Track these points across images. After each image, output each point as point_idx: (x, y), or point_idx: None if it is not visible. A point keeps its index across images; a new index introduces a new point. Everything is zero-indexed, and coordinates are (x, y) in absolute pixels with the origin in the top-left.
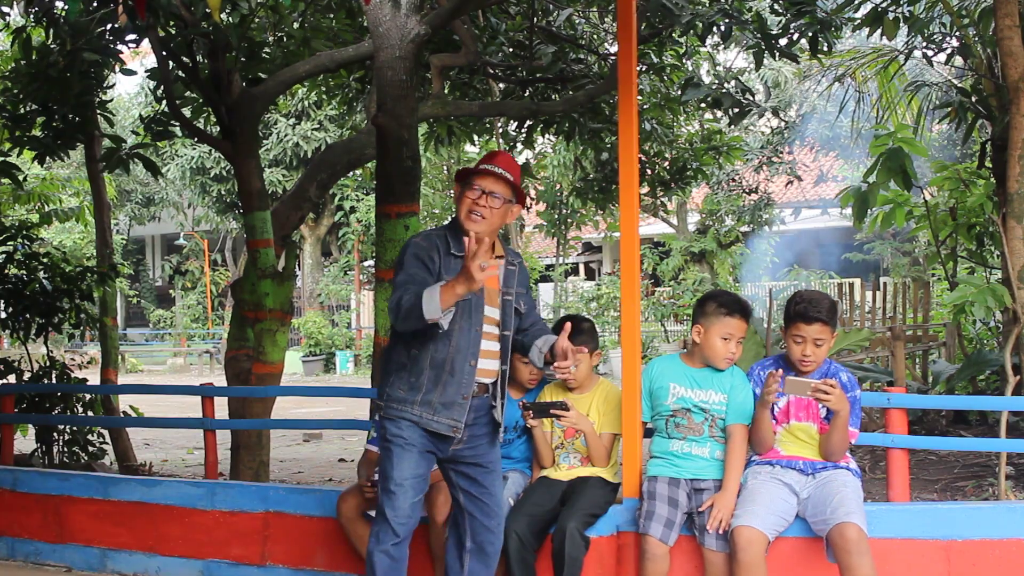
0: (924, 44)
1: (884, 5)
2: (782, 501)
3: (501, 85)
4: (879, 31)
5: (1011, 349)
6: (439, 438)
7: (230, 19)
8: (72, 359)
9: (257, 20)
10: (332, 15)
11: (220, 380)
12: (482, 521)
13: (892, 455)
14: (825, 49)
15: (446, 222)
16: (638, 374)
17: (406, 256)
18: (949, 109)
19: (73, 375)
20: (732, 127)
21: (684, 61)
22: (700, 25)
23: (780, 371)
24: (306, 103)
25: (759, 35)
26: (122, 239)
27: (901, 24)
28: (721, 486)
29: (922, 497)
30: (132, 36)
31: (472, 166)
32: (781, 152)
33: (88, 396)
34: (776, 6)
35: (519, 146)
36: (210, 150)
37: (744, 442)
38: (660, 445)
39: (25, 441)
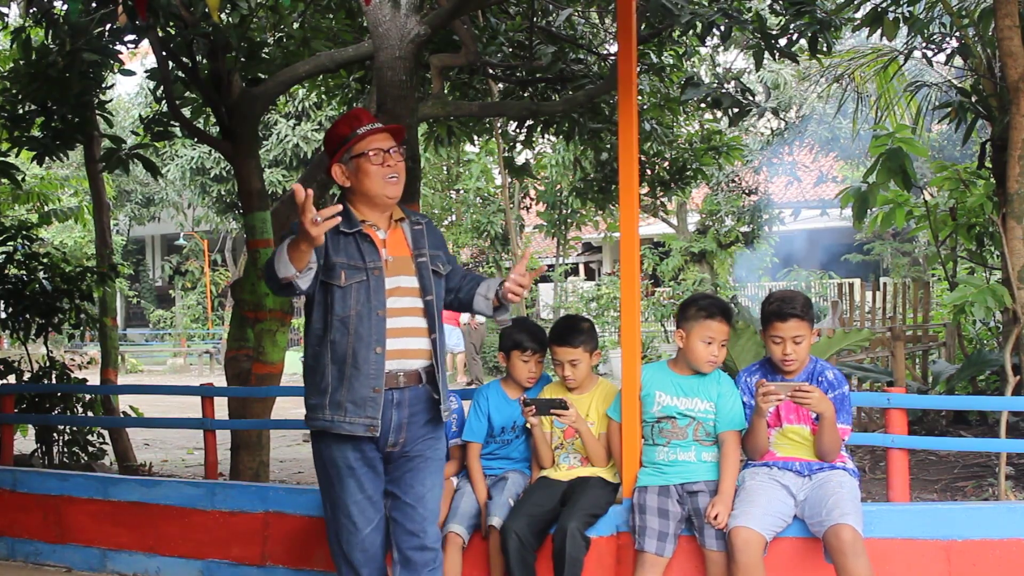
0: (924, 44)
1: (884, 5)
2: (779, 502)
3: (501, 85)
4: (879, 31)
5: (1011, 349)
6: (366, 442)
7: (230, 19)
8: (72, 359)
9: (257, 20)
10: (332, 15)
11: (220, 380)
12: (405, 526)
13: (892, 455)
14: (825, 49)
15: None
16: (638, 374)
17: (285, 232)
18: (949, 109)
19: (73, 375)
20: (732, 127)
21: (684, 61)
22: (700, 25)
23: (764, 380)
24: (306, 103)
25: (759, 35)
26: (122, 239)
27: (901, 24)
28: (713, 488)
29: (922, 497)
30: (131, 36)
31: (343, 137)
32: (780, 154)
33: (88, 396)
34: (776, 6)
35: (519, 146)
36: (210, 150)
37: (737, 448)
38: (647, 454)
39: (25, 441)
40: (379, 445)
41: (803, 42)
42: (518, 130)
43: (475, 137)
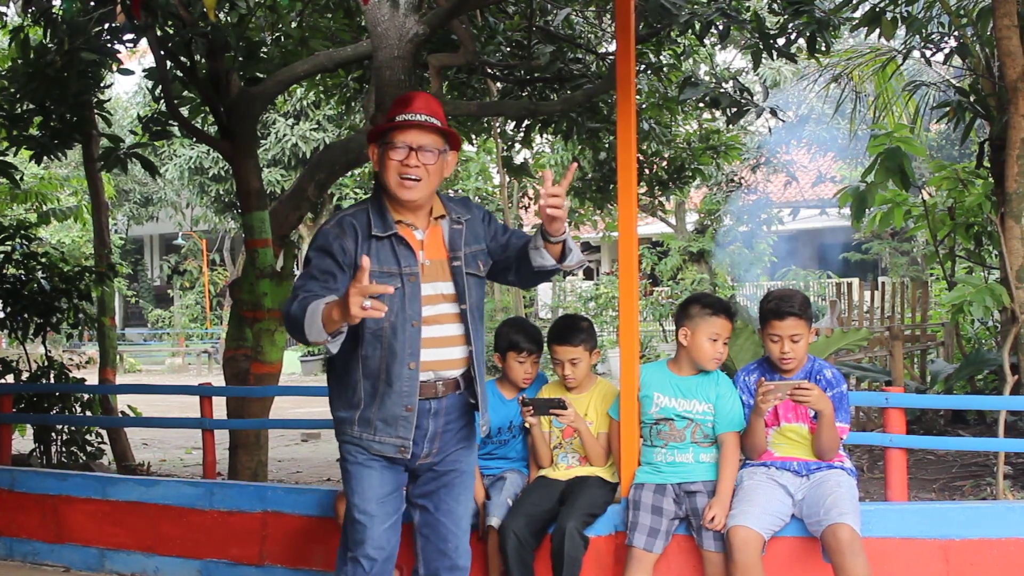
0: (922, 44)
1: (882, 5)
2: (777, 501)
3: (499, 85)
4: (877, 31)
5: (1009, 348)
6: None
7: (228, 19)
8: (70, 359)
9: (255, 20)
10: (330, 15)
11: (218, 380)
12: (436, 545)
13: (890, 454)
14: (823, 49)
15: (367, 198)
16: (636, 374)
17: (312, 248)
18: (947, 109)
19: (71, 375)
20: (730, 127)
21: (682, 61)
22: (698, 25)
23: (763, 379)
24: (304, 103)
25: (757, 35)
26: (120, 239)
27: (899, 24)
28: (711, 488)
29: (920, 497)
30: (130, 36)
31: (385, 119)
32: (778, 154)
33: (86, 396)
34: (774, 6)
35: (517, 145)
36: (208, 150)
37: (736, 449)
38: (645, 454)
39: (23, 441)
40: (413, 454)
41: (801, 42)
42: (516, 129)
43: (473, 136)
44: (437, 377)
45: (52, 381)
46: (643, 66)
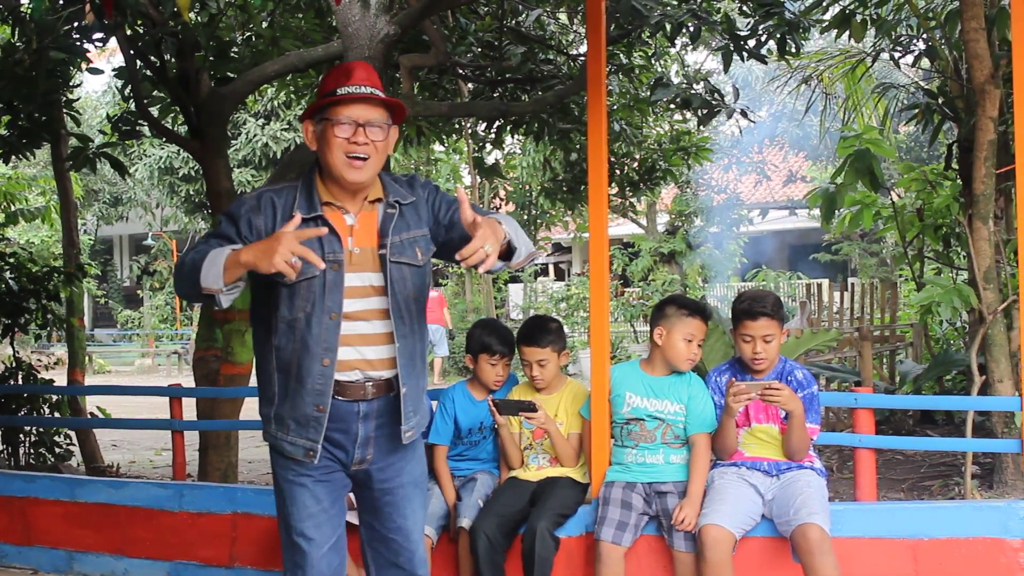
0: (891, 46)
1: (852, 7)
2: (748, 501)
3: (470, 85)
4: (847, 33)
5: (977, 349)
6: (325, 457)
7: (199, 18)
8: (39, 360)
9: (226, 19)
10: (301, 15)
11: (188, 381)
12: (388, 559)
13: (859, 455)
14: (793, 51)
15: (304, 172)
16: (607, 375)
17: (223, 212)
18: (916, 111)
19: (40, 376)
20: (701, 127)
21: (653, 62)
22: (669, 26)
23: (734, 379)
24: (275, 103)
25: (728, 36)
26: (89, 239)
27: (869, 26)
28: (681, 489)
29: (889, 496)
30: (99, 35)
31: (325, 91)
32: (749, 153)
33: (55, 397)
34: (745, 8)
35: (488, 146)
36: (178, 150)
37: (708, 450)
38: (616, 454)
39: None
40: (342, 462)
41: (772, 43)
42: (488, 130)
43: (444, 137)
44: (366, 377)
45: (20, 382)
46: (614, 67)
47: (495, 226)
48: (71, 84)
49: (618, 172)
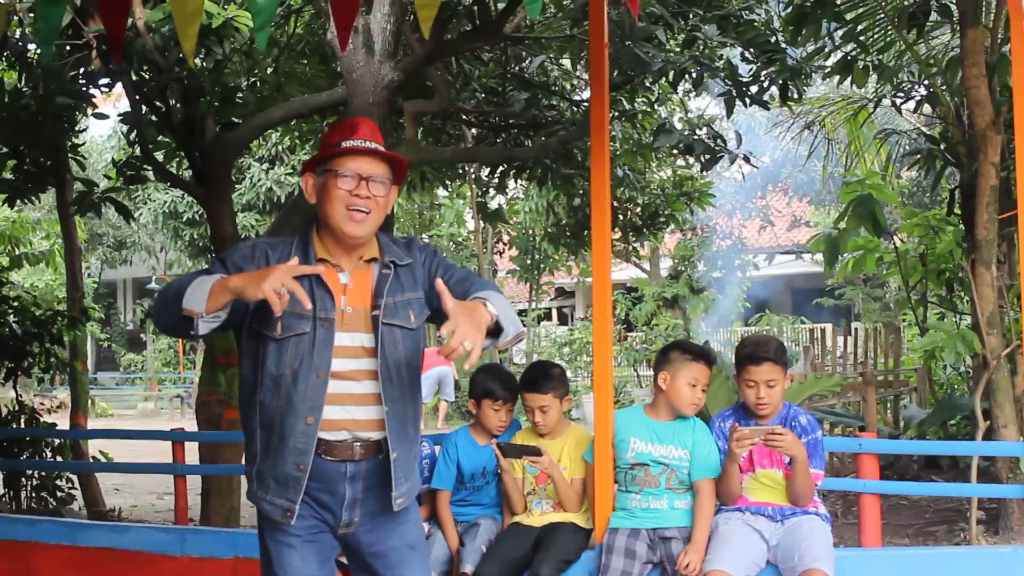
0: (893, 92)
1: (853, 54)
2: (753, 546)
3: (474, 131)
4: (849, 79)
5: (981, 394)
6: (316, 515)
7: (204, 64)
8: (41, 403)
9: (231, 65)
10: (306, 61)
11: (191, 425)
12: None
13: (864, 500)
14: (795, 97)
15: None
16: (610, 419)
17: (217, 257)
18: (918, 156)
19: (42, 419)
20: (704, 173)
21: (656, 108)
22: (672, 73)
23: (737, 424)
24: (279, 148)
25: (730, 82)
26: (93, 282)
27: (870, 72)
28: (686, 535)
29: (894, 542)
30: (105, 80)
31: (324, 142)
32: (753, 199)
33: (57, 441)
34: (747, 54)
35: (492, 191)
36: (183, 194)
37: (712, 496)
38: (619, 500)
39: None
40: (330, 524)
41: (774, 89)
42: (491, 175)
43: (448, 182)
44: (354, 438)
45: (23, 425)
46: (617, 113)
47: (478, 314)
48: (77, 129)
49: (621, 217)
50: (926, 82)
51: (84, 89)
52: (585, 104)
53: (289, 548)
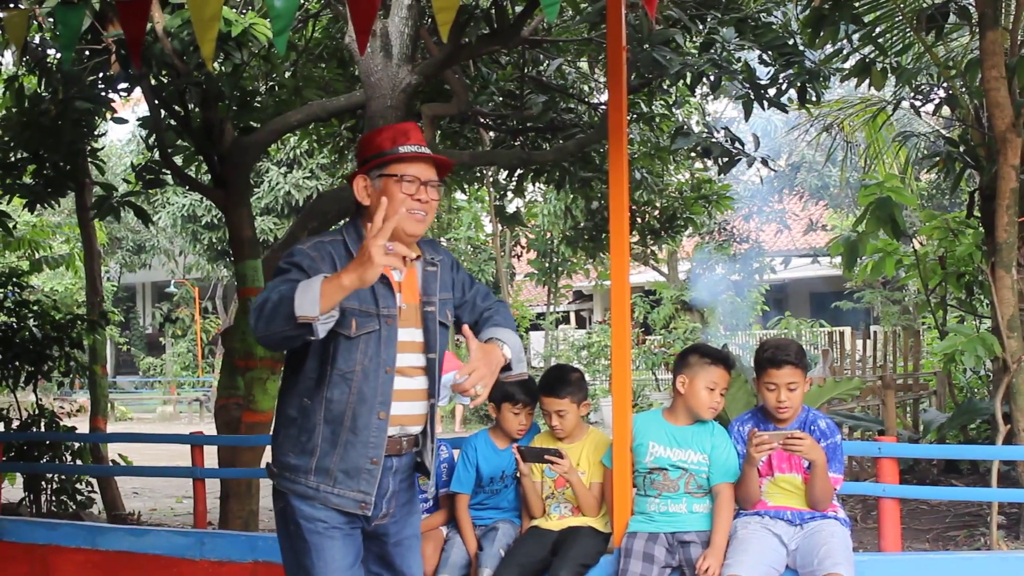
0: (912, 95)
1: (872, 56)
2: (772, 551)
3: (492, 134)
4: (867, 81)
5: (1001, 398)
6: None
7: (223, 68)
8: (61, 407)
9: (250, 70)
10: (324, 65)
11: (210, 428)
12: None
13: (883, 504)
14: (813, 99)
15: (340, 226)
16: (629, 423)
17: (283, 262)
18: (937, 159)
19: (62, 423)
20: (722, 176)
21: (674, 111)
22: (690, 76)
23: (756, 429)
24: (297, 152)
25: (748, 85)
26: (112, 286)
27: (888, 75)
28: (705, 538)
29: (914, 547)
30: (124, 84)
31: (380, 149)
32: (770, 202)
33: (77, 444)
34: (765, 57)
35: (509, 195)
36: (201, 198)
37: (731, 500)
38: (638, 504)
39: (13, 490)
40: (368, 515)
41: (792, 92)
42: (509, 179)
43: (466, 185)
44: (403, 432)
45: (43, 429)
46: (635, 116)
47: (495, 359)
48: (96, 133)
49: (639, 220)
50: (945, 84)
51: (103, 94)
52: (603, 107)
53: (332, 540)
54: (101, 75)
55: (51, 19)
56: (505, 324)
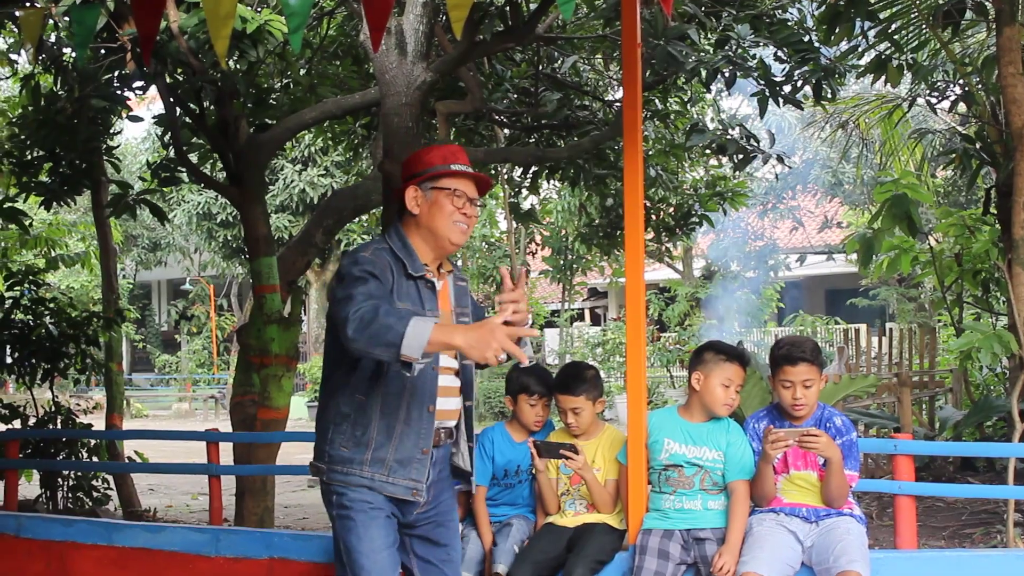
0: (928, 91)
1: (887, 53)
2: (787, 548)
3: (506, 131)
4: (883, 78)
5: (1018, 395)
6: (400, 501)
7: (238, 66)
8: (77, 404)
9: (264, 67)
10: (339, 62)
11: (225, 425)
12: None
13: (899, 502)
14: (829, 96)
15: (378, 235)
16: (644, 420)
17: (354, 269)
18: (953, 156)
19: (78, 420)
20: (737, 173)
21: (689, 107)
22: (705, 72)
23: (772, 426)
24: (312, 149)
25: (763, 82)
26: (128, 284)
27: (904, 71)
28: (720, 536)
29: (930, 544)
30: (140, 83)
31: (432, 164)
32: (784, 199)
33: (93, 441)
34: (780, 53)
35: (524, 192)
36: (216, 196)
37: (747, 497)
38: (653, 501)
39: (29, 487)
40: (420, 501)
41: (807, 89)
42: (523, 176)
43: None
44: (440, 425)
45: (59, 426)
46: (650, 113)
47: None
48: (111, 132)
49: (654, 217)
50: (961, 81)
51: (119, 92)
52: (618, 104)
53: (375, 520)
54: (117, 73)
55: (67, 18)
56: None
